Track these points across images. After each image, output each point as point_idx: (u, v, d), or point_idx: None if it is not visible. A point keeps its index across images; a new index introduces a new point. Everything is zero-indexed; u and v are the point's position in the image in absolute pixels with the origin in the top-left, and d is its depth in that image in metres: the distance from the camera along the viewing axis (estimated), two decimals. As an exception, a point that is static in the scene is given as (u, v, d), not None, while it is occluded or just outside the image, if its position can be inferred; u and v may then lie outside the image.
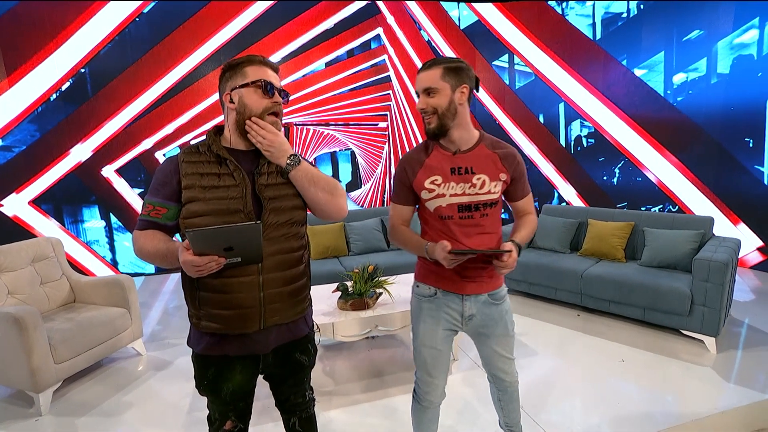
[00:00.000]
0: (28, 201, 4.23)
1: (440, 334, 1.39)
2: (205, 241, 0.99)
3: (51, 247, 2.73)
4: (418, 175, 1.34)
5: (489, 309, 1.39)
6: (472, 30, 5.80)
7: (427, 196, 1.33)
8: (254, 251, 1.04)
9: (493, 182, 1.33)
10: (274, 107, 1.15)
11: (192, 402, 2.21)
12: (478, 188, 1.31)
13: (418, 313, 1.43)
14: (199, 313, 1.15)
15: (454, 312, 1.38)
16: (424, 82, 1.28)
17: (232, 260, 1.03)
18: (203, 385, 1.21)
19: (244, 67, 1.14)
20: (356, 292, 2.33)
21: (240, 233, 1.00)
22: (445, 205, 1.32)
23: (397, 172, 1.41)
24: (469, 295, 1.36)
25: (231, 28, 4.73)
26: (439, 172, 1.32)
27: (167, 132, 4.69)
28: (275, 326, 1.19)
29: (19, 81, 4.03)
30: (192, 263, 0.99)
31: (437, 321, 1.38)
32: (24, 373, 2.07)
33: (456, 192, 1.31)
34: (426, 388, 1.44)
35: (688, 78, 4.65)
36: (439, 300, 1.38)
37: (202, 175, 1.11)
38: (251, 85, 1.13)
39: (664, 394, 2.18)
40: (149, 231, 1.13)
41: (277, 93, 1.16)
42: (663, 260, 2.98)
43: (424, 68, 1.30)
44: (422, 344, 1.41)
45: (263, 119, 1.14)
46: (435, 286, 1.38)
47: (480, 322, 1.39)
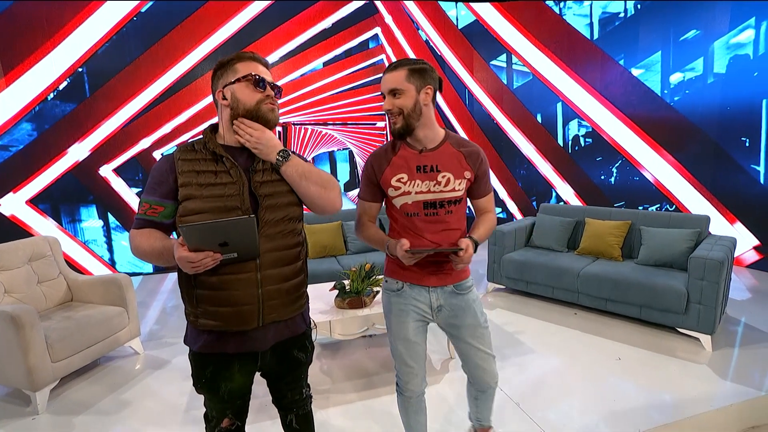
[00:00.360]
0: (26, 200, 4.22)
1: (411, 325, 1.43)
2: (200, 237, 0.98)
3: (48, 246, 2.72)
4: (385, 172, 1.37)
5: (455, 299, 1.42)
6: (470, 30, 5.82)
7: (393, 193, 1.37)
8: (250, 246, 1.04)
9: (458, 180, 1.36)
10: (266, 100, 1.15)
11: (189, 401, 2.21)
12: (443, 186, 1.35)
13: (388, 307, 1.47)
14: (196, 311, 1.15)
15: (422, 304, 1.42)
16: (389, 83, 1.31)
17: (228, 256, 1.03)
18: (201, 384, 1.21)
19: (235, 63, 1.15)
20: (353, 291, 2.34)
21: (234, 227, 1.00)
22: (410, 203, 1.35)
23: (364, 169, 1.44)
24: (434, 287, 1.41)
25: (229, 27, 4.73)
26: (405, 170, 1.35)
27: (165, 131, 4.69)
28: (273, 323, 1.19)
29: (17, 80, 4.02)
30: (187, 259, 0.99)
31: (406, 313, 1.42)
32: (21, 372, 2.07)
33: (421, 189, 1.35)
34: (405, 378, 1.48)
35: (685, 78, 4.67)
36: (406, 293, 1.42)
37: (198, 172, 1.11)
38: (242, 80, 1.13)
39: (661, 391, 2.19)
40: (146, 230, 1.13)
41: (268, 87, 1.16)
42: (659, 259, 2.99)
43: (389, 70, 1.32)
44: (395, 337, 1.45)
45: (258, 112, 1.14)
46: (402, 280, 1.42)
47: (449, 312, 1.43)
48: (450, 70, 5.82)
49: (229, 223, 0.99)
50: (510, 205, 6.14)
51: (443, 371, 2.44)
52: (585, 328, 2.96)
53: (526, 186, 6.10)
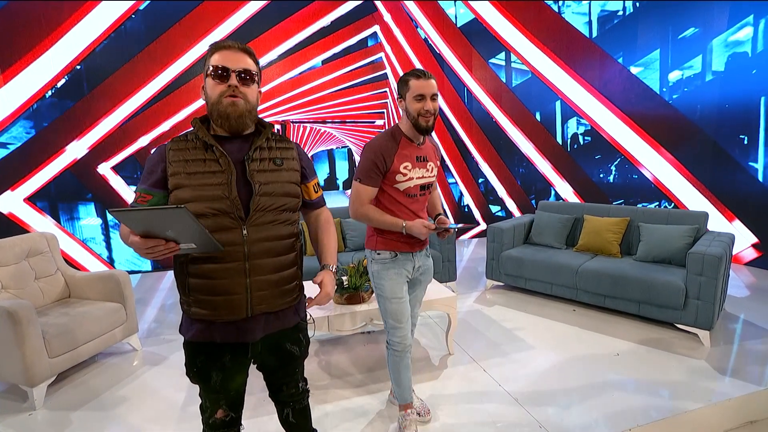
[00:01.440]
0: (24, 198, 4.21)
1: (402, 284, 1.73)
2: (135, 222, 0.96)
3: (45, 242, 2.72)
4: (395, 161, 1.63)
5: (426, 260, 1.85)
6: (469, 28, 5.81)
7: (401, 178, 1.65)
8: (201, 239, 0.99)
9: (435, 168, 1.78)
10: (227, 92, 1.11)
11: (187, 397, 2.21)
12: (430, 172, 1.74)
13: (383, 274, 1.72)
14: (188, 300, 1.16)
15: (409, 266, 1.75)
16: (434, 89, 1.60)
17: (187, 245, 1.01)
18: (192, 372, 1.21)
19: (210, 55, 1.13)
20: (351, 286, 2.34)
21: (166, 216, 0.92)
22: (413, 186, 1.68)
23: (372, 158, 1.62)
24: (417, 252, 1.76)
25: (227, 25, 4.73)
26: (410, 159, 1.66)
27: (163, 129, 4.68)
28: (263, 314, 1.19)
29: (15, 77, 4.01)
30: (136, 245, 0.99)
31: (400, 275, 1.73)
32: (18, 368, 2.06)
33: (419, 176, 1.69)
34: (400, 333, 1.75)
35: (684, 76, 4.67)
36: (399, 260, 1.72)
37: (187, 161, 1.11)
38: (208, 74, 1.12)
39: (659, 386, 2.19)
40: None
41: (234, 76, 1.10)
42: (658, 255, 2.99)
43: (428, 77, 1.59)
44: (392, 297, 1.72)
45: (219, 106, 1.10)
46: (396, 250, 1.71)
47: (422, 270, 1.83)
48: (449, 69, 5.82)
49: (159, 213, 0.91)
50: (509, 204, 6.14)
51: (441, 367, 2.44)
52: (584, 324, 2.96)
53: (525, 184, 6.10)
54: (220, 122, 1.14)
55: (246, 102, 1.14)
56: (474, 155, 6.08)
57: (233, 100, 1.11)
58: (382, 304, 1.76)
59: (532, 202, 6.07)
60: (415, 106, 1.59)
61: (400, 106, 1.66)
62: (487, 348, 2.66)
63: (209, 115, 1.16)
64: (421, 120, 1.60)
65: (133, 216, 0.95)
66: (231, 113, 1.12)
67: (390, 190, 1.67)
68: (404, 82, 1.62)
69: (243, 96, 1.13)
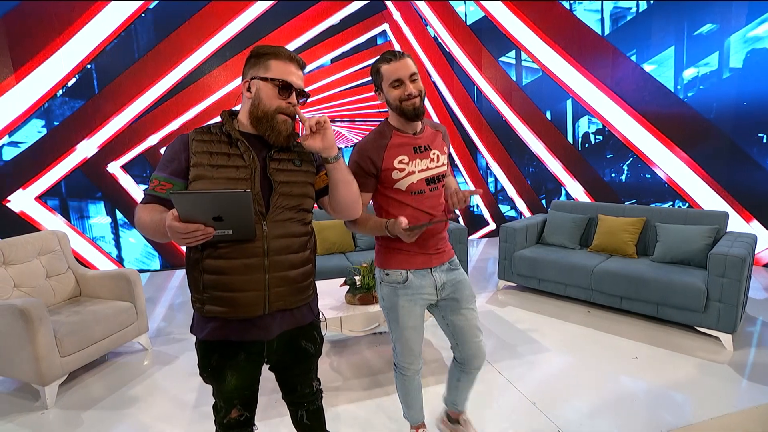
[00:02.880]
0: (35, 197, 4.23)
1: (418, 312, 1.50)
2: (192, 206, 0.94)
3: (57, 241, 2.71)
4: (385, 158, 1.41)
5: (452, 275, 1.52)
6: (479, 26, 5.75)
7: (398, 175, 1.41)
8: (245, 224, 1.01)
9: (443, 156, 1.51)
10: (286, 109, 1.13)
11: (198, 397, 2.18)
12: (436, 162, 1.47)
13: (394, 300, 1.48)
14: (202, 297, 1.13)
15: (428, 287, 1.48)
16: (410, 68, 1.36)
17: (222, 232, 1.00)
18: (207, 372, 1.19)
19: (269, 59, 1.13)
20: (364, 287, 2.30)
21: (228, 200, 0.95)
22: (416, 181, 1.43)
23: (357, 160, 1.42)
24: (436, 267, 1.49)
25: (236, 24, 4.72)
26: (405, 152, 1.43)
27: (172, 128, 4.68)
28: (279, 312, 1.17)
29: (26, 77, 4.03)
30: (176, 229, 0.95)
31: (414, 302, 1.48)
32: (30, 366, 2.05)
33: (422, 168, 1.44)
34: (409, 360, 1.54)
35: (699, 73, 4.58)
36: (413, 283, 1.47)
37: (211, 153, 1.10)
38: (270, 82, 1.11)
39: (680, 391, 2.12)
40: (150, 204, 1.12)
41: (294, 94, 1.14)
42: (676, 256, 2.92)
43: (400, 57, 1.36)
44: (403, 327, 1.50)
45: (272, 119, 1.12)
46: (405, 268, 1.46)
47: (450, 288, 1.51)
48: (458, 67, 5.77)
49: (224, 196, 0.94)
50: (519, 203, 6.07)
51: (455, 369, 2.39)
52: (599, 326, 2.89)
53: (535, 184, 6.03)
54: (267, 134, 1.13)
55: (293, 122, 1.16)
56: (484, 154, 6.02)
57: (287, 119, 1.14)
58: (392, 330, 1.53)
59: (543, 201, 5.99)
60: (394, 94, 1.36)
61: (380, 99, 1.44)
62: (501, 349, 2.61)
63: (252, 116, 1.13)
64: (405, 106, 1.36)
65: (193, 199, 0.94)
66: (282, 131, 1.13)
67: (392, 193, 1.44)
68: (375, 71, 1.39)
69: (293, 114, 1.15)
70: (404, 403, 1.69)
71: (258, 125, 1.13)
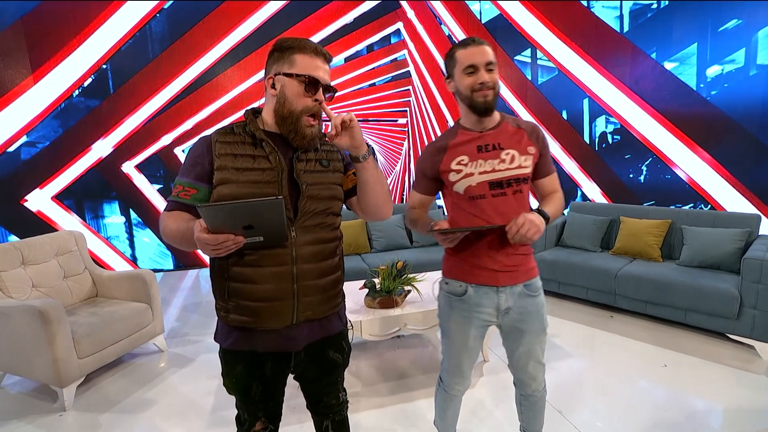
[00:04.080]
0: (51, 196, 4.25)
1: (472, 332, 1.34)
2: (221, 218, 0.89)
3: (74, 241, 2.71)
4: (443, 160, 1.30)
5: (525, 301, 1.32)
6: (494, 24, 5.67)
7: (455, 177, 1.28)
8: (277, 230, 0.95)
9: (523, 156, 1.28)
10: (313, 108, 1.05)
11: (215, 401, 2.15)
12: (508, 163, 1.27)
13: (448, 312, 1.37)
14: (227, 306, 1.08)
15: (488, 308, 1.31)
16: (488, 56, 1.23)
17: (254, 239, 0.94)
18: (231, 383, 1.14)
19: (294, 53, 1.04)
20: (384, 290, 2.25)
21: (260, 209, 0.89)
22: (475, 184, 1.27)
23: (420, 162, 1.38)
24: (504, 287, 1.30)
25: (250, 23, 4.70)
26: (466, 152, 1.29)
27: (186, 128, 4.68)
28: (307, 321, 1.11)
29: (44, 77, 4.05)
30: (205, 241, 0.90)
31: (469, 320, 1.33)
32: (48, 367, 2.04)
33: (485, 169, 1.27)
34: (455, 379, 1.43)
35: (724, 70, 4.43)
36: (471, 299, 1.31)
37: (235, 156, 1.04)
38: (295, 78, 1.03)
39: (715, 402, 2.03)
40: (175, 212, 1.06)
41: (321, 90, 1.05)
42: (705, 260, 2.82)
43: (478, 43, 1.24)
44: (453, 343, 1.38)
45: (297, 122, 1.04)
46: (466, 281, 1.32)
47: (517, 316, 1.33)
48: (472, 66, 5.69)
49: (255, 205, 0.88)
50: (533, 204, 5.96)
51: (477, 374, 2.33)
52: (624, 332, 2.80)
53: (550, 184, 5.92)
54: (291, 136, 1.06)
55: (320, 124, 1.09)
56: (497, 154, 5.93)
57: (314, 124, 1.06)
58: (443, 340, 1.43)
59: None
60: (467, 82, 1.23)
61: (450, 89, 1.31)
62: (522, 355, 2.53)
63: (277, 114, 1.06)
64: (476, 96, 1.22)
65: (221, 210, 0.88)
66: (307, 135, 1.06)
67: (450, 194, 1.33)
68: (450, 56, 1.29)
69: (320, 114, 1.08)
70: (438, 415, 1.58)
71: (283, 125, 1.07)
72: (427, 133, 5.59)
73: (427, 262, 3.21)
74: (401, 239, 3.61)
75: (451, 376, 1.43)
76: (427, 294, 2.42)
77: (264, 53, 4.93)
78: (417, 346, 2.68)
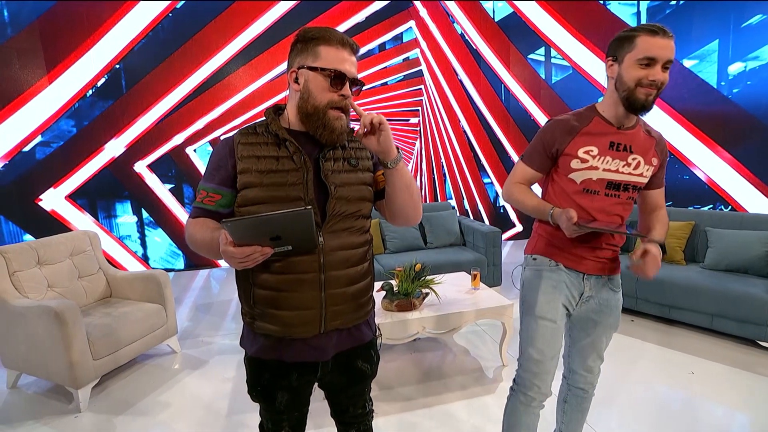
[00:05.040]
0: (65, 196, 4.27)
1: (560, 308, 1.29)
2: (246, 231, 0.84)
3: (88, 241, 2.70)
4: (572, 142, 1.23)
5: (608, 294, 1.32)
6: (507, 22, 5.58)
7: (577, 165, 1.23)
8: (306, 238, 0.90)
9: (647, 166, 1.25)
10: (339, 102, 0.98)
11: (230, 404, 2.12)
12: (632, 168, 1.23)
13: (536, 283, 1.31)
14: (253, 312, 1.04)
15: (574, 290, 1.29)
16: (670, 52, 1.11)
17: (282, 248, 0.89)
18: (256, 391, 1.10)
19: (319, 45, 0.97)
20: (402, 292, 2.20)
21: (288, 221, 0.84)
22: (595, 179, 1.23)
23: (542, 134, 1.28)
24: (590, 275, 1.28)
25: (261, 22, 4.68)
26: (597, 143, 1.22)
27: (197, 127, 4.67)
28: (336, 331, 1.06)
29: (58, 77, 4.07)
30: (231, 255, 0.85)
31: (559, 292, 1.28)
32: (63, 368, 2.02)
33: (610, 168, 1.23)
34: (536, 370, 1.30)
35: (747, 67, 4.32)
36: (562, 272, 1.29)
37: (258, 158, 0.98)
38: (320, 72, 0.96)
39: (749, 412, 1.95)
40: (201, 219, 1.02)
41: (348, 85, 0.98)
42: (731, 263, 2.72)
43: (665, 35, 1.10)
44: (540, 317, 1.29)
45: (323, 116, 0.98)
46: (556, 260, 1.30)
47: (596, 306, 1.32)
48: (485, 65, 5.61)
49: (283, 217, 0.83)
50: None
51: (497, 380, 2.27)
52: (647, 337, 2.72)
53: (564, 185, 5.82)
54: (319, 132, 0.99)
55: (347, 117, 1.01)
56: (510, 154, 5.84)
57: (341, 115, 0.99)
58: (525, 324, 1.34)
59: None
60: (637, 73, 1.11)
61: (609, 72, 1.20)
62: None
63: (301, 111, 0.99)
64: (639, 92, 1.12)
65: (247, 224, 0.83)
66: (336, 129, 0.99)
67: (561, 180, 1.27)
68: (627, 39, 1.14)
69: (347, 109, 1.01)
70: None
71: (308, 122, 1.00)
72: (440, 133, 5.53)
73: (441, 263, 3.16)
74: (415, 240, 3.56)
75: (530, 366, 1.30)
76: (445, 297, 2.37)
77: (276, 52, 4.93)
78: (433, 349, 2.62)
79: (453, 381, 2.25)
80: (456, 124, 5.59)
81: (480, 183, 5.85)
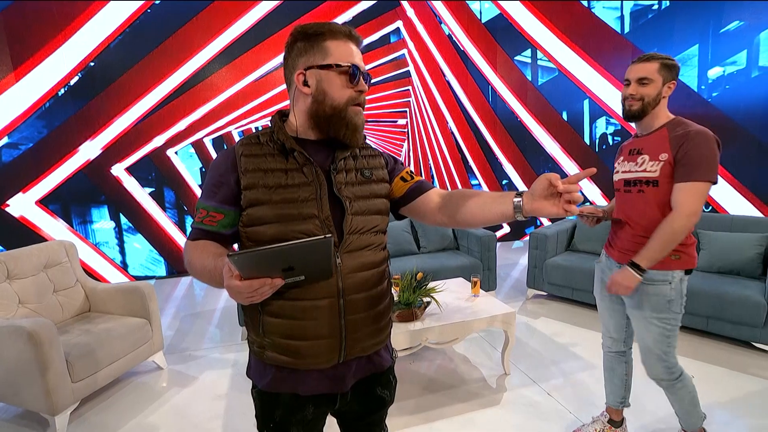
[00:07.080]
0: (35, 201, 4.01)
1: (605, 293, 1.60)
2: (256, 264, 0.73)
3: (64, 252, 2.51)
4: (616, 157, 1.62)
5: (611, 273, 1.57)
6: (494, 24, 5.59)
7: (613, 171, 1.61)
8: (322, 267, 0.80)
9: (651, 162, 1.44)
10: (358, 98, 0.90)
11: (224, 424, 2.00)
12: (638, 166, 1.48)
13: (596, 274, 1.71)
14: (262, 342, 0.93)
15: (607, 273, 1.59)
16: (640, 72, 1.44)
17: (294, 279, 0.79)
18: (268, 428, 1.00)
19: (325, 40, 0.88)
20: (403, 302, 2.12)
21: (304, 252, 0.74)
22: (616, 180, 1.57)
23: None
24: (620, 265, 1.51)
25: (245, 21, 4.52)
26: (623, 152, 1.57)
27: (179, 129, 4.47)
28: (355, 359, 0.97)
29: (26, 75, 3.81)
30: (238, 290, 0.74)
31: (601, 282, 1.65)
32: (39, 394, 1.86)
33: (624, 169, 1.53)
34: (605, 339, 1.76)
35: (725, 72, 4.44)
36: (602, 264, 1.66)
37: (265, 171, 0.88)
38: (335, 69, 0.87)
39: (747, 414, 1.96)
40: (201, 242, 0.91)
41: (362, 79, 0.90)
42: (724, 265, 2.77)
43: (642, 60, 1.46)
44: (599, 304, 1.72)
45: (344, 114, 0.89)
46: (604, 251, 1.66)
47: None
48: (473, 66, 5.60)
49: (299, 248, 0.72)
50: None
51: (500, 390, 2.22)
52: (642, 339, 2.73)
53: (551, 186, 5.87)
54: (343, 133, 0.90)
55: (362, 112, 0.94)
56: (497, 155, 5.86)
57: (360, 110, 0.92)
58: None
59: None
60: (623, 92, 1.51)
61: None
62: (544, 367, 2.44)
63: (318, 116, 0.90)
64: (624, 104, 1.50)
65: (257, 257, 0.71)
66: (360, 124, 0.92)
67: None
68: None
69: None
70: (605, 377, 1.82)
71: (328, 125, 0.90)
72: (428, 134, 5.48)
73: (436, 268, 3.10)
74: (408, 245, 3.49)
75: (603, 336, 1.76)
76: (446, 305, 2.31)
77: (260, 51, 4.77)
78: (433, 359, 2.56)
79: (456, 392, 2.20)
80: (444, 125, 5.56)
81: (468, 185, 5.84)
